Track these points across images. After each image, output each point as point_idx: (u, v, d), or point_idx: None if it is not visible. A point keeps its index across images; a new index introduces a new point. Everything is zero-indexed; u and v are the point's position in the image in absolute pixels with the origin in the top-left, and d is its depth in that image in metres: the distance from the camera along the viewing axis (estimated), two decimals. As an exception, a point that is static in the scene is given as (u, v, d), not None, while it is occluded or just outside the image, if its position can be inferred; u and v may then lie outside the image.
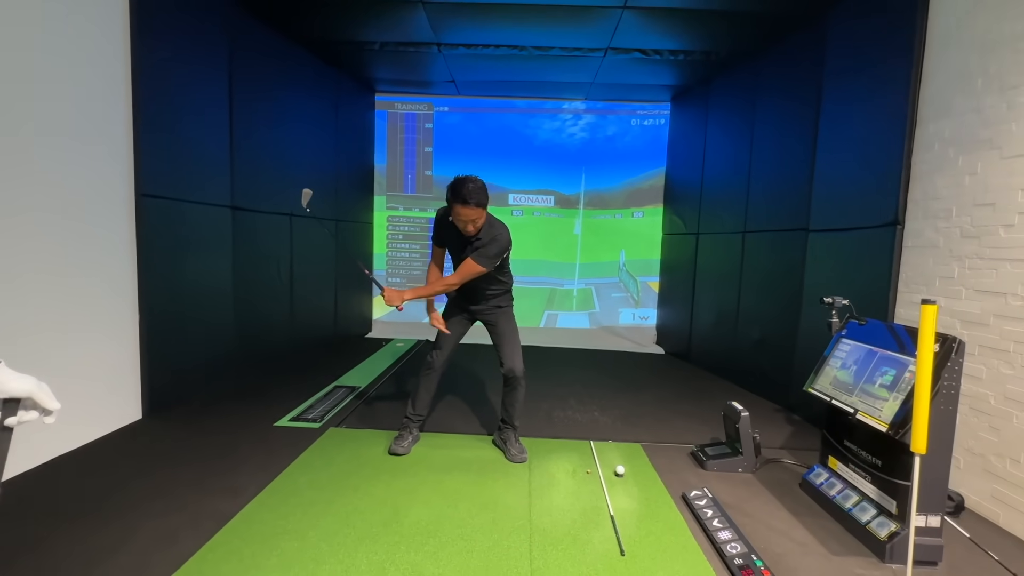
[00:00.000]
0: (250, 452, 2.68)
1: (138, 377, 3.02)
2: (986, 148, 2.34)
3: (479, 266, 2.51)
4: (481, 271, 2.53)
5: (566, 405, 3.64)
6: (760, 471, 2.69)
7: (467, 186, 2.37)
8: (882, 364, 2.15)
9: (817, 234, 3.44)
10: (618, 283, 6.38)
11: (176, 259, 3.21)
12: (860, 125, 3.11)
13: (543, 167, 6.25)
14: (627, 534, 2.05)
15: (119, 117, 2.80)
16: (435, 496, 2.29)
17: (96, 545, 1.85)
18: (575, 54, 4.51)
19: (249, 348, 3.91)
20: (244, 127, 3.74)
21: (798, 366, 3.48)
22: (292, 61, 4.41)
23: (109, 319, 2.81)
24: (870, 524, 2.04)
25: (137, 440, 2.79)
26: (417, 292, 2.62)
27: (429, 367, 2.77)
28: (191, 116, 3.26)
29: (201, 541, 1.89)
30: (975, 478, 2.33)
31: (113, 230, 2.81)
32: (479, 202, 2.40)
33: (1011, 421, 2.17)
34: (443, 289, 2.65)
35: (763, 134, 4.14)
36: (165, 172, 3.08)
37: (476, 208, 2.40)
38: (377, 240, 6.33)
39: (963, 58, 2.47)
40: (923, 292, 2.63)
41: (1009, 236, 2.21)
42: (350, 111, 5.54)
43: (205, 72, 3.39)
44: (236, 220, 3.70)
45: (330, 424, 3.11)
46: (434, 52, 4.60)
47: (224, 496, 2.22)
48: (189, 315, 3.33)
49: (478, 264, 2.51)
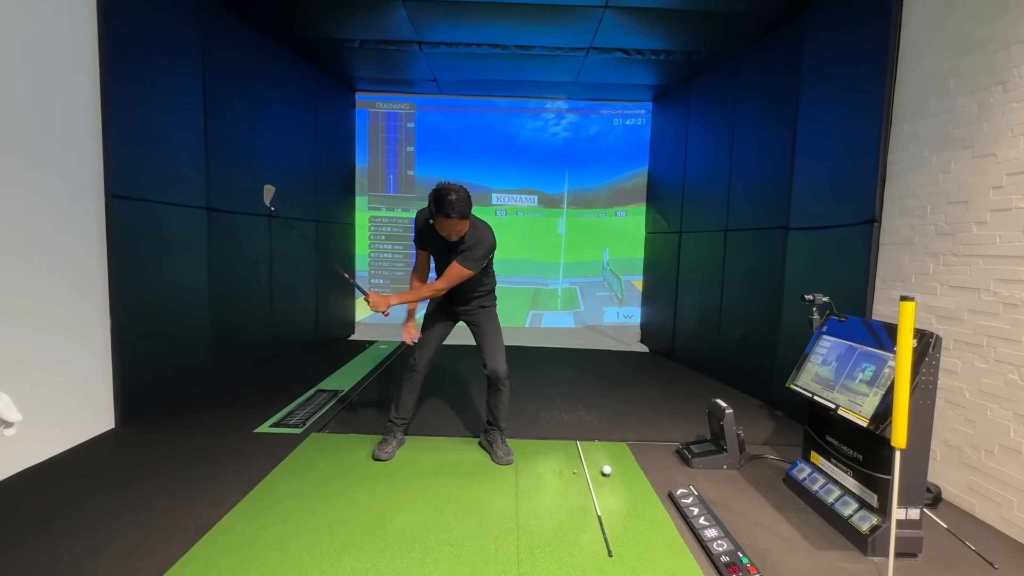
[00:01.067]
0: (228, 460, 2.60)
1: (110, 384, 2.91)
2: (959, 147, 2.39)
3: (466, 269, 2.48)
4: (468, 274, 2.50)
5: (552, 405, 3.63)
6: (745, 467, 2.71)
7: (449, 198, 2.30)
8: (862, 360, 2.18)
9: (797, 232, 3.49)
10: (602, 282, 6.40)
11: (149, 262, 3.11)
12: (838, 124, 3.17)
13: (526, 167, 6.24)
14: (614, 534, 2.04)
15: (85, 114, 2.70)
16: (420, 501, 2.26)
17: (65, 559, 1.78)
18: (557, 53, 4.50)
19: (227, 353, 3.81)
20: (219, 126, 3.64)
21: (780, 362, 3.53)
22: (269, 58, 4.31)
23: (79, 325, 2.71)
24: (852, 518, 2.07)
25: (110, 450, 2.70)
26: (403, 297, 2.58)
27: (412, 369, 2.73)
28: (163, 114, 3.16)
29: (177, 554, 1.82)
30: (952, 470, 2.39)
31: (81, 233, 2.71)
32: (463, 214, 2.34)
33: (985, 414, 2.22)
34: (430, 294, 2.61)
35: (743, 133, 4.19)
36: (136, 172, 2.98)
37: (460, 220, 2.36)
38: (359, 241, 6.24)
39: (936, 60, 2.53)
40: (900, 288, 2.69)
41: (981, 233, 2.27)
42: (330, 110, 5.45)
43: (177, 68, 3.29)
44: (212, 222, 3.60)
45: (312, 430, 3.05)
46: (415, 50, 4.54)
47: (201, 506, 2.15)
48: (164, 320, 3.23)
49: (464, 268, 2.48)
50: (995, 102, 2.23)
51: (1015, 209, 2.12)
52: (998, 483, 2.16)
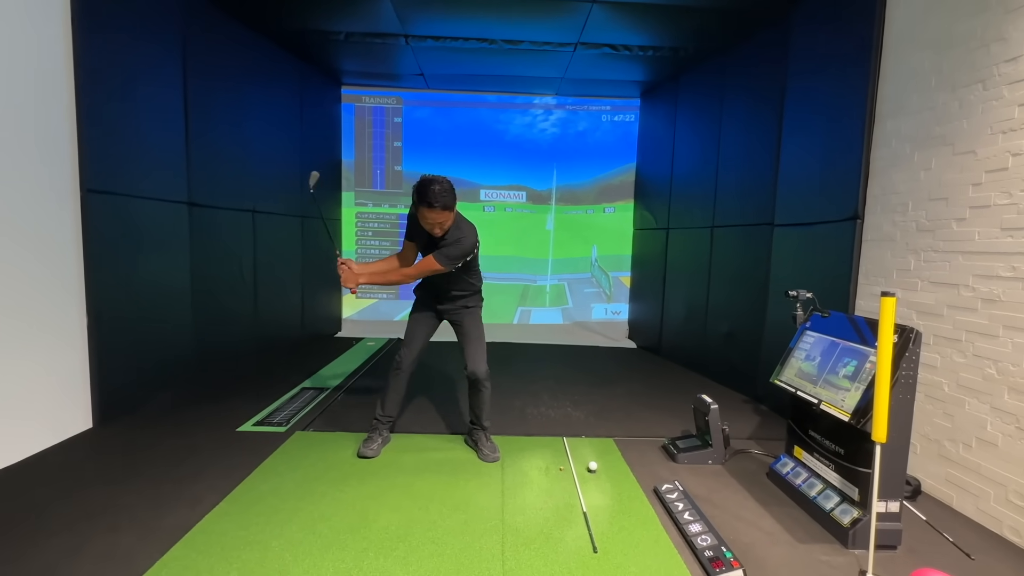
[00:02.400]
0: (210, 459, 2.56)
1: (88, 383, 2.85)
2: (940, 144, 2.42)
3: (438, 264, 2.46)
4: (439, 269, 2.48)
5: (539, 401, 3.62)
6: (729, 462, 2.73)
7: (432, 188, 2.29)
8: (844, 355, 2.20)
9: (782, 228, 3.52)
10: (590, 279, 6.41)
11: (128, 258, 3.04)
12: (823, 121, 3.19)
13: (514, 163, 6.22)
14: (600, 530, 2.04)
15: (58, 104, 2.62)
16: (405, 499, 2.24)
17: (39, 562, 1.73)
18: (545, 48, 4.48)
19: (210, 351, 3.75)
20: (201, 119, 3.56)
21: (765, 358, 3.56)
22: (252, 49, 4.23)
23: (55, 323, 2.64)
24: (834, 511, 2.09)
25: (87, 450, 2.64)
26: (372, 277, 2.57)
27: (398, 367, 2.71)
28: (141, 105, 3.08)
29: (155, 556, 1.79)
30: (930, 463, 2.42)
31: (56, 228, 2.64)
32: (445, 205, 2.33)
33: (963, 408, 2.26)
34: (399, 279, 2.59)
35: (730, 130, 4.20)
36: (113, 166, 2.90)
37: (442, 211, 2.34)
38: (346, 237, 6.18)
39: (919, 57, 2.55)
40: (882, 284, 2.72)
41: (961, 229, 2.30)
42: (316, 104, 5.37)
43: (156, 59, 3.21)
44: (194, 217, 3.53)
45: (296, 428, 3.01)
46: (401, 44, 4.49)
47: (181, 507, 2.11)
48: (143, 317, 3.16)
49: (438, 262, 2.46)
50: (975, 99, 2.25)
51: (993, 206, 2.15)
52: (975, 475, 2.20)
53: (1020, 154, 2.05)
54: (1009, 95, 2.11)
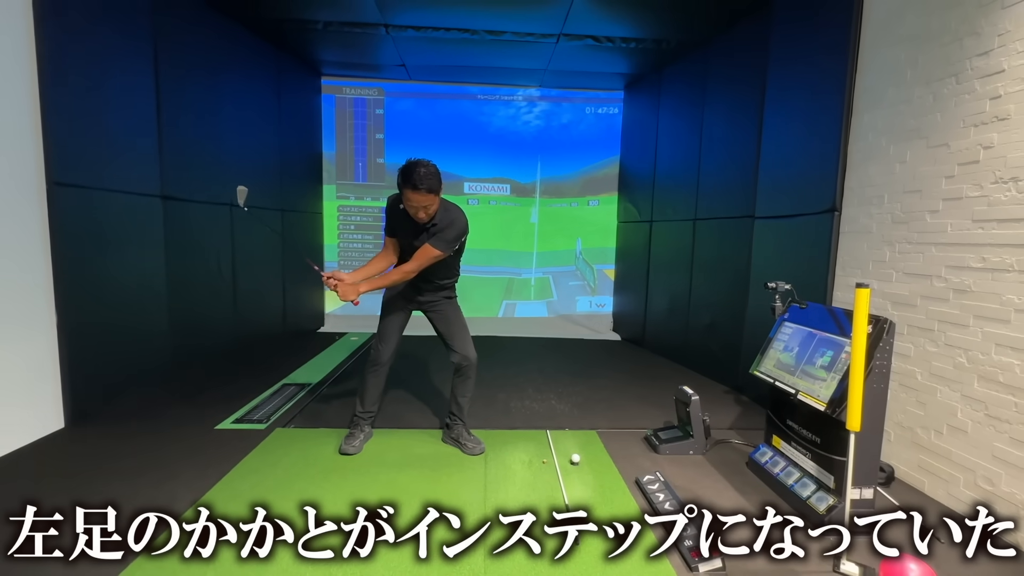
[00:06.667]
0: (187, 459, 2.51)
1: (58, 382, 2.77)
2: (914, 137, 2.45)
3: (438, 251, 2.42)
4: (440, 256, 2.44)
5: (524, 394, 3.63)
6: (710, 452, 2.77)
7: (418, 170, 2.27)
8: (821, 346, 2.23)
9: (762, 221, 3.55)
10: (575, 271, 6.42)
11: (98, 253, 2.95)
12: (802, 115, 3.21)
13: (498, 155, 6.18)
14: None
15: (19, 95, 2.52)
16: (388, 495, 2.22)
17: (8, 565, 1.68)
18: (528, 39, 4.44)
19: (187, 348, 3.67)
20: (173, 109, 3.46)
21: (746, 349, 3.60)
22: (228, 39, 4.12)
23: (21, 320, 2.56)
24: (810, 499, 2.13)
25: (58, 452, 2.57)
26: (372, 284, 2.50)
27: (375, 362, 2.67)
28: (110, 95, 2.99)
29: (129, 557, 1.74)
30: (904, 450, 2.48)
31: (21, 222, 2.54)
32: (431, 187, 2.30)
33: (936, 396, 2.31)
34: (400, 278, 2.52)
35: (712, 123, 4.22)
36: (81, 157, 2.81)
37: (428, 194, 2.30)
38: (328, 231, 6.09)
39: (895, 51, 2.57)
40: (858, 275, 2.76)
41: (934, 221, 2.34)
42: (294, 95, 5.25)
43: (125, 47, 3.10)
44: (168, 211, 3.44)
45: (276, 425, 2.97)
46: (382, 34, 4.41)
47: (156, 507, 2.06)
48: (116, 313, 3.08)
49: (437, 249, 2.42)
50: (948, 93, 2.28)
51: (965, 198, 2.19)
52: (946, 461, 2.26)
53: (991, 147, 2.09)
54: (981, 89, 2.14)
